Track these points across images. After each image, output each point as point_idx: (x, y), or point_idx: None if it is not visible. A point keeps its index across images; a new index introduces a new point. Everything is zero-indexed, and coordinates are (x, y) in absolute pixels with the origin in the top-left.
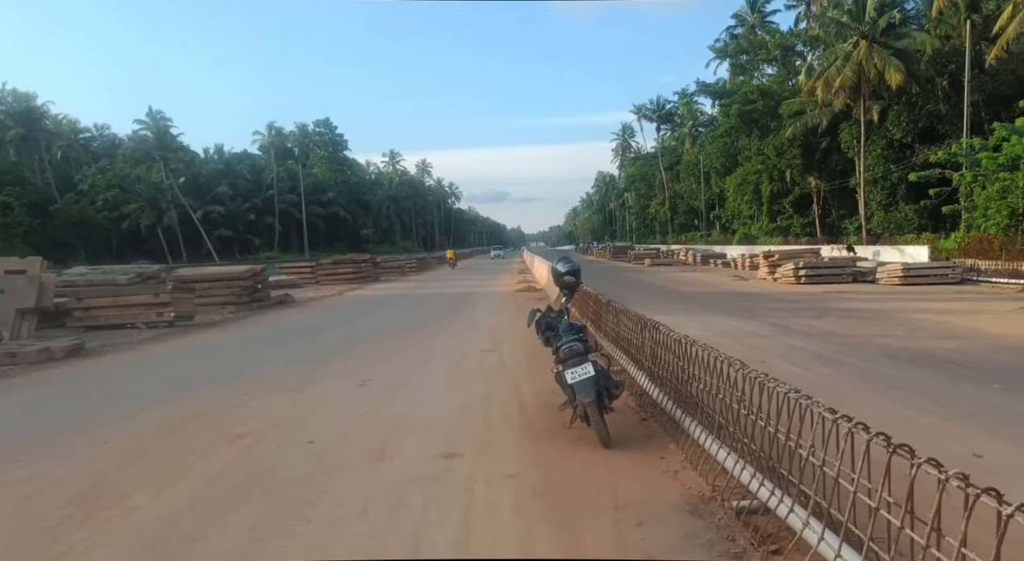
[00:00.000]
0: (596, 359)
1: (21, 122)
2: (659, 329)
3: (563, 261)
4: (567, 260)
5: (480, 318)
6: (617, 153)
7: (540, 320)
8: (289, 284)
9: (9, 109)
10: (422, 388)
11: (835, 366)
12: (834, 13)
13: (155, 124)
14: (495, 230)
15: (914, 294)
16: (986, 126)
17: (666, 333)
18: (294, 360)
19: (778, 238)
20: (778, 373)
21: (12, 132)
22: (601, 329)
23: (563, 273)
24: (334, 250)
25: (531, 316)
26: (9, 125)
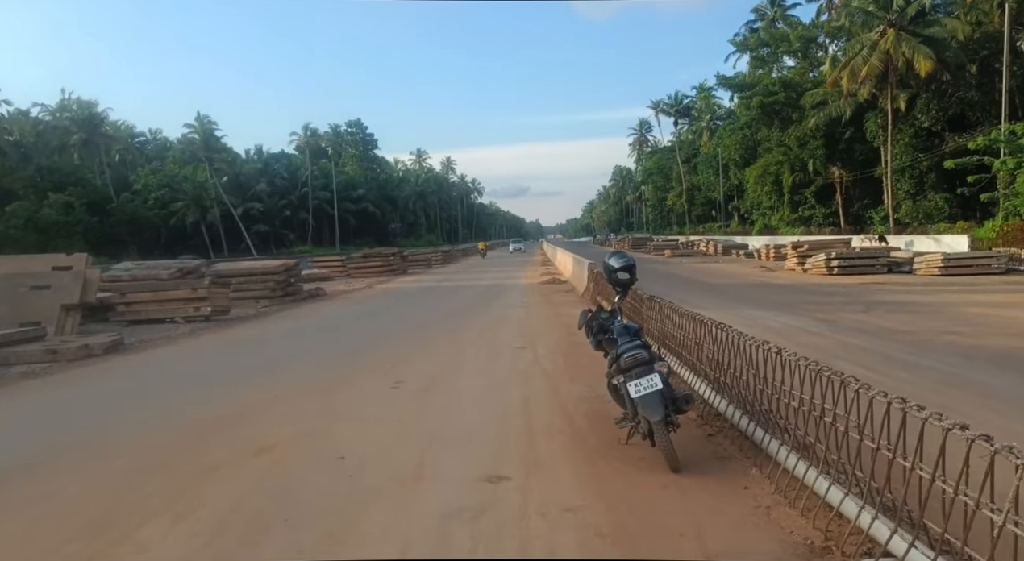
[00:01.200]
0: (662, 369)
1: (84, 128)
2: (726, 331)
3: (616, 256)
4: (620, 254)
5: (509, 312)
6: (634, 147)
7: (591, 321)
8: (321, 277)
9: (74, 116)
10: (457, 391)
11: (909, 369)
12: (861, 2)
13: (202, 127)
14: (515, 223)
15: (960, 286)
16: (1020, 112)
17: (737, 337)
18: (325, 357)
19: (800, 228)
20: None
21: (75, 137)
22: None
23: (616, 269)
24: (363, 244)
25: (582, 317)
26: (73, 131)
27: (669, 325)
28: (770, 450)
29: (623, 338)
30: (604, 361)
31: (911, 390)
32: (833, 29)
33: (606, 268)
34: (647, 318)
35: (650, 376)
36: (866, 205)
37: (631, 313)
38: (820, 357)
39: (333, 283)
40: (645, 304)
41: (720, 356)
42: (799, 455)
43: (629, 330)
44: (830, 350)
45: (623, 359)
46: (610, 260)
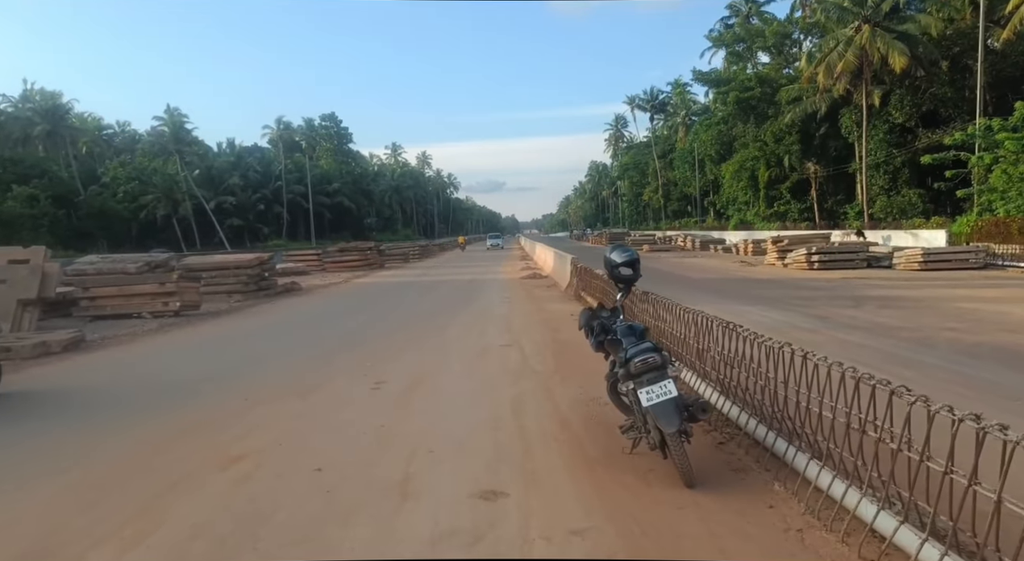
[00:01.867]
0: (675, 374)
1: (48, 119)
2: (738, 332)
3: (618, 250)
4: (623, 248)
5: (491, 307)
6: (610, 143)
7: (592, 321)
8: (296, 272)
9: (37, 107)
10: (442, 392)
11: (914, 368)
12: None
13: (172, 120)
14: (491, 218)
15: (942, 280)
16: (990, 109)
17: (753, 338)
18: (301, 356)
19: (775, 224)
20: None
21: (39, 128)
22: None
23: (618, 264)
24: (339, 238)
25: (583, 317)
26: (36, 122)
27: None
28: (796, 464)
29: (628, 339)
30: (597, 360)
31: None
32: (808, 25)
33: (607, 263)
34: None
35: (663, 382)
36: (840, 200)
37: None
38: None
39: (308, 277)
40: (638, 300)
41: (730, 357)
42: (834, 472)
43: (634, 331)
44: (827, 348)
45: (633, 364)
46: (612, 254)
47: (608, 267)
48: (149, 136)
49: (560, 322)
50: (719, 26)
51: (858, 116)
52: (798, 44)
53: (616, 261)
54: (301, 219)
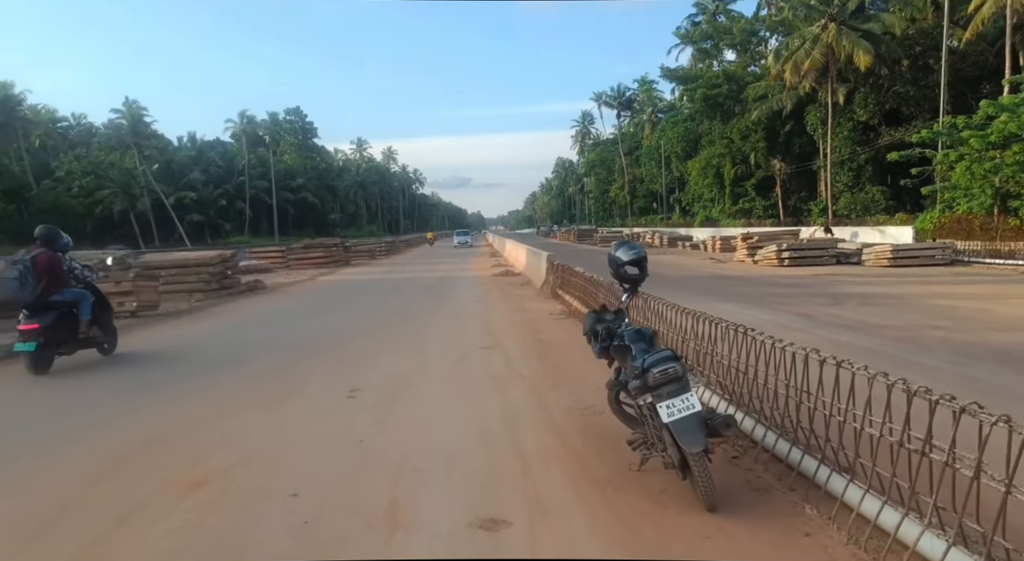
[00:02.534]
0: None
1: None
2: (751, 335)
3: (624, 247)
4: (630, 245)
5: (466, 306)
6: (576, 140)
7: (596, 325)
8: (260, 269)
9: None
10: (425, 401)
11: (916, 370)
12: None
13: (130, 113)
14: (457, 214)
15: (914, 277)
16: (949, 107)
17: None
18: (269, 360)
19: (741, 220)
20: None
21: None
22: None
23: (624, 262)
24: (303, 234)
25: (588, 320)
26: None
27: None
28: (833, 487)
29: (638, 346)
30: (586, 363)
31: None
32: (774, 23)
33: (612, 261)
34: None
35: (685, 396)
36: (803, 197)
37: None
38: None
39: (273, 275)
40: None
41: (741, 363)
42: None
43: (643, 336)
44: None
45: (652, 375)
46: (617, 252)
47: (613, 266)
48: (106, 129)
49: (541, 322)
50: (686, 23)
51: (823, 114)
52: (764, 42)
53: (622, 259)
54: (264, 215)
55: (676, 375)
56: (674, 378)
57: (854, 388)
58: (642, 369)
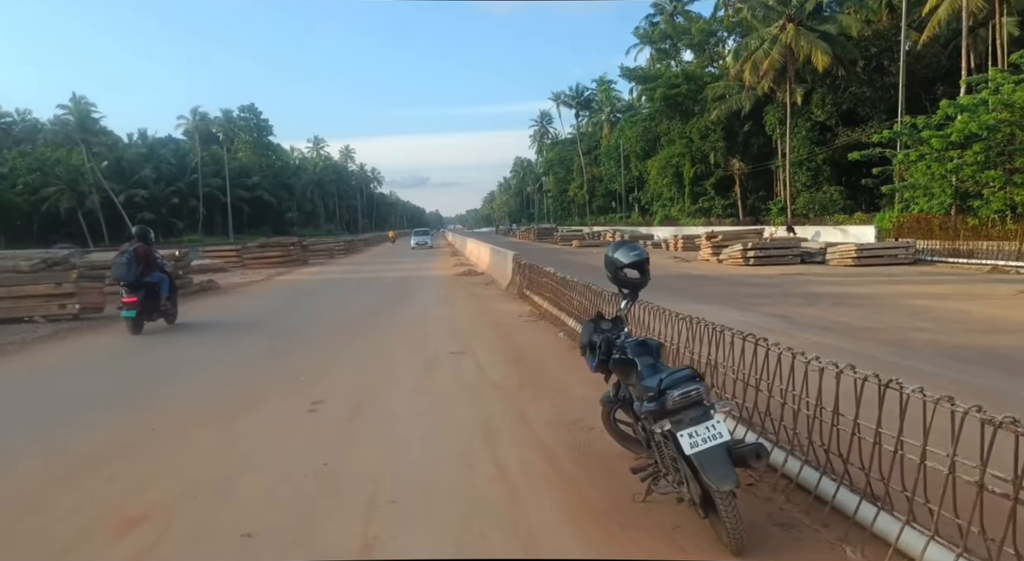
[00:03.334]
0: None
1: None
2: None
3: (624, 248)
4: (630, 246)
5: (430, 308)
6: (535, 139)
7: (594, 336)
8: (214, 269)
9: None
10: (395, 415)
11: (913, 376)
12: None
13: (77, 108)
14: (415, 213)
15: (881, 276)
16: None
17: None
18: (222, 369)
19: (700, 219)
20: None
21: None
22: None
23: (624, 265)
24: (259, 233)
25: (584, 333)
26: None
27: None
28: (880, 529)
29: (643, 360)
30: (564, 370)
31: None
32: (732, 23)
33: (609, 264)
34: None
35: (710, 423)
36: (762, 197)
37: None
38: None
39: (227, 275)
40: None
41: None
42: (958, 551)
43: (648, 348)
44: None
45: (672, 399)
46: (616, 253)
47: (610, 268)
48: (52, 125)
49: (511, 324)
50: (644, 23)
51: (781, 114)
52: (722, 42)
53: (621, 261)
54: (218, 213)
55: (699, 398)
56: (696, 401)
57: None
58: (658, 390)
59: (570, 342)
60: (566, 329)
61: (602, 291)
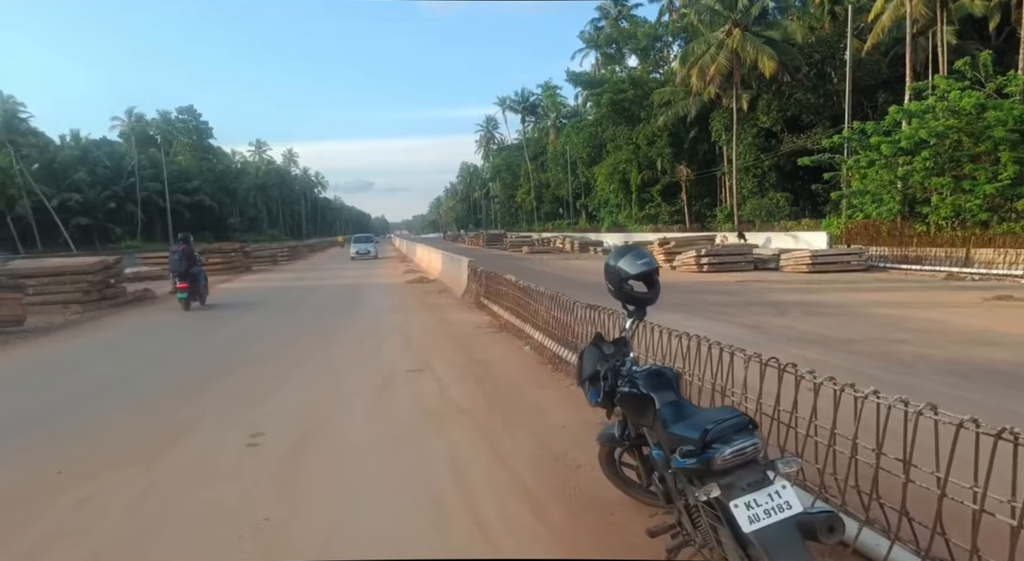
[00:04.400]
0: (791, 471)
1: None
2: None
3: (629, 256)
4: (637, 253)
5: (382, 318)
6: (481, 144)
7: (597, 363)
8: (151, 276)
9: None
10: (348, 451)
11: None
12: (708, 0)
13: (3, 108)
14: (360, 219)
15: (840, 283)
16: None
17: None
18: (149, 391)
19: (648, 226)
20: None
21: None
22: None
23: (630, 276)
24: (200, 239)
25: (585, 360)
26: None
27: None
28: None
29: (663, 395)
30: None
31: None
32: (677, 29)
33: (612, 274)
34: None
35: (772, 490)
36: (707, 203)
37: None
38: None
39: (165, 283)
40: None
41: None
42: None
43: (666, 380)
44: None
45: (721, 457)
46: (619, 263)
47: (613, 280)
48: None
49: (470, 337)
50: (590, 28)
51: (728, 120)
52: (667, 47)
53: (627, 272)
54: (158, 218)
55: (754, 454)
56: (750, 459)
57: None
58: (702, 444)
59: (537, 356)
60: (531, 342)
61: (573, 303)
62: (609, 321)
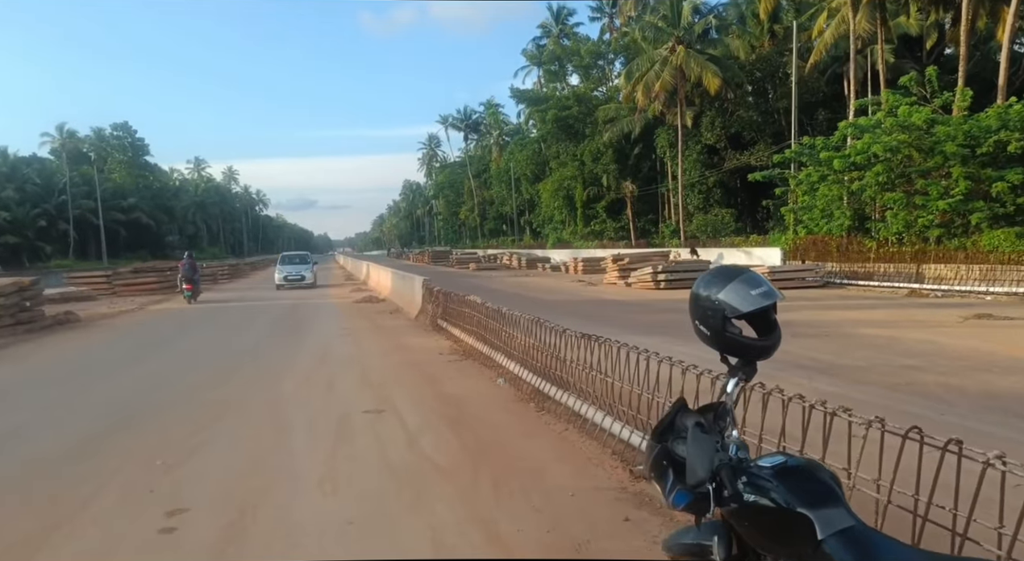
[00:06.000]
0: None
1: None
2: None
3: (738, 282)
4: (746, 279)
5: (332, 344)
6: (424, 162)
7: (697, 456)
8: (79, 297)
9: None
10: (299, 536)
11: (975, 438)
12: (651, 17)
13: None
14: (302, 236)
15: (805, 301)
16: (786, 133)
17: None
18: (43, 448)
19: (593, 242)
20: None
21: None
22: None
23: (740, 313)
24: (136, 257)
25: (698, 448)
26: None
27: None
28: None
29: (822, 515)
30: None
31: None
32: (620, 46)
33: (708, 310)
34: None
35: None
36: (652, 219)
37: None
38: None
39: (94, 304)
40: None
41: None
42: None
43: (820, 485)
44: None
45: None
46: (721, 293)
47: (710, 320)
48: None
49: (433, 365)
50: (532, 46)
51: (672, 136)
52: (609, 65)
53: (735, 308)
54: (92, 237)
55: None
56: None
57: None
58: None
59: (515, 392)
60: (505, 373)
61: (564, 330)
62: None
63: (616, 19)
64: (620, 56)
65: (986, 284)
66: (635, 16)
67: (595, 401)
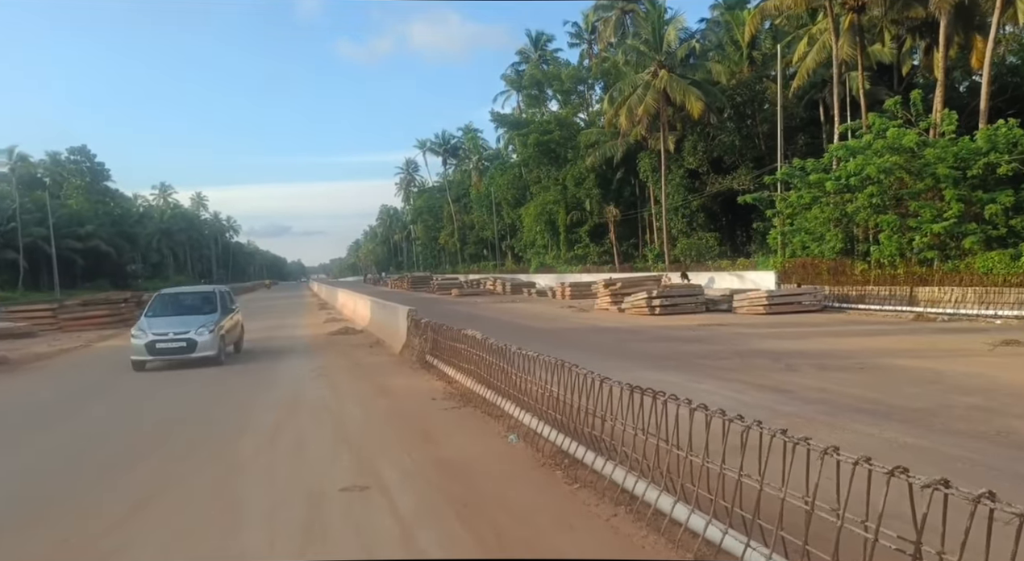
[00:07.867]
0: None
1: None
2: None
3: None
4: None
5: (303, 390)
6: (401, 187)
7: None
8: (17, 334)
9: None
10: None
11: None
12: (633, 42)
13: None
14: (275, 263)
15: (809, 326)
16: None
17: None
18: None
19: (577, 266)
20: None
21: None
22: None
23: None
24: (95, 288)
25: None
26: None
27: None
28: None
29: None
30: (563, 532)
31: None
32: (600, 71)
33: None
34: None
35: None
36: (633, 244)
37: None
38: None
39: (33, 342)
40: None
41: None
42: None
43: None
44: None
45: None
46: None
47: None
48: None
49: (426, 417)
50: (511, 71)
51: (655, 161)
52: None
53: None
54: (45, 266)
55: None
56: None
57: None
58: None
59: (533, 452)
60: (516, 427)
61: (603, 379)
62: (668, 411)
63: (595, 45)
64: (600, 81)
65: (993, 308)
66: (615, 42)
67: (651, 474)
